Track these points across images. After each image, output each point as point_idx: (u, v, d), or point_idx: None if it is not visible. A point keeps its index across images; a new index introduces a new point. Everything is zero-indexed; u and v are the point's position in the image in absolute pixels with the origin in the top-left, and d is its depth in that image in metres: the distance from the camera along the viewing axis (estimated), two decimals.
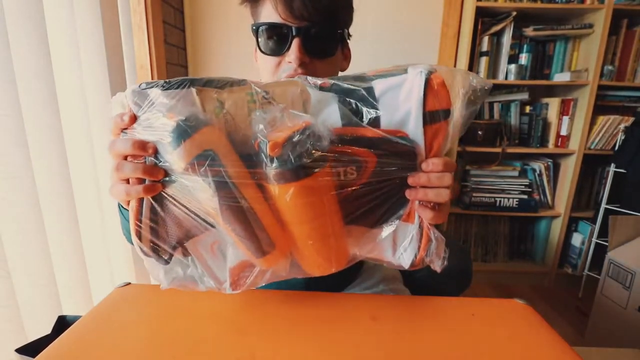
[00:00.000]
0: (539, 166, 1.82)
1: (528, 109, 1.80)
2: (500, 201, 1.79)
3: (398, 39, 1.70)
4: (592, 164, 1.79)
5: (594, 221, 1.72)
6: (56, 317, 0.56)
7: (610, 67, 1.65)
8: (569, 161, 1.76)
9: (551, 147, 1.78)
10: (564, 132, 1.74)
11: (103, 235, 1.04)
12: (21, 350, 0.50)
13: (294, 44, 0.53)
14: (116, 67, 1.08)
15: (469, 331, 0.44)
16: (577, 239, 1.84)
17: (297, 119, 0.36)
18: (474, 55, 1.69)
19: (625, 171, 1.58)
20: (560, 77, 1.69)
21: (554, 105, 1.75)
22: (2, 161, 0.72)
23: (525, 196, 1.79)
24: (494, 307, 0.50)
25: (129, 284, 0.53)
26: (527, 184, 1.79)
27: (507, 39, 1.66)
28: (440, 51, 1.71)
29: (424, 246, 0.42)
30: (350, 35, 0.61)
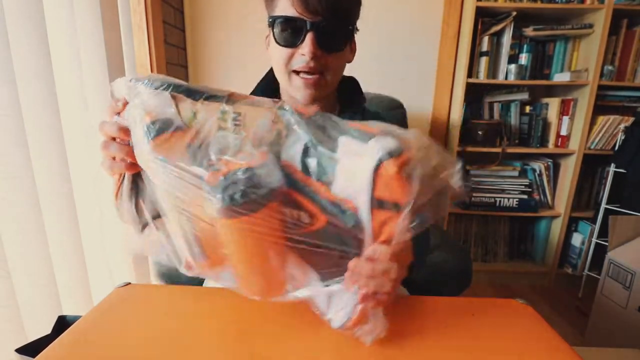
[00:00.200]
0: (539, 166, 1.82)
1: (528, 109, 1.80)
2: (500, 201, 1.79)
3: (398, 38, 1.70)
4: (592, 164, 1.79)
5: (594, 221, 1.72)
6: (56, 317, 0.56)
7: (610, 67, 1.65)
8: (569, 161, 1.76)
9: (551, 147, 1.78)
10: (564, 132, 1.74)
11: (103, 236, 1.04)
12: (21, 350, 0.51)
13: (308, 37, 0.54)
14: (116, 67, 1.08)
15: (469, 331, 0.44)
16: (577, 239, 1.84)
17: (250, 154, 0.35)
18: (474, 55, 1.68)
19: (625, 171, 1.58)
20: (560, 77, 1.69)
21: (554, 105, 1.75)
22: (2, 161, 0.72)
23: (525, 196, 1.79)
24: (494, 307, 0.50)
25: (129, 284, 0.53)
26: (527, 184, 1.79)
27: (507, 39, 1.66)
28: (440, 51, 1.71)
29: (355, 322, 0.38)
30: (357, 29, 0.62)
